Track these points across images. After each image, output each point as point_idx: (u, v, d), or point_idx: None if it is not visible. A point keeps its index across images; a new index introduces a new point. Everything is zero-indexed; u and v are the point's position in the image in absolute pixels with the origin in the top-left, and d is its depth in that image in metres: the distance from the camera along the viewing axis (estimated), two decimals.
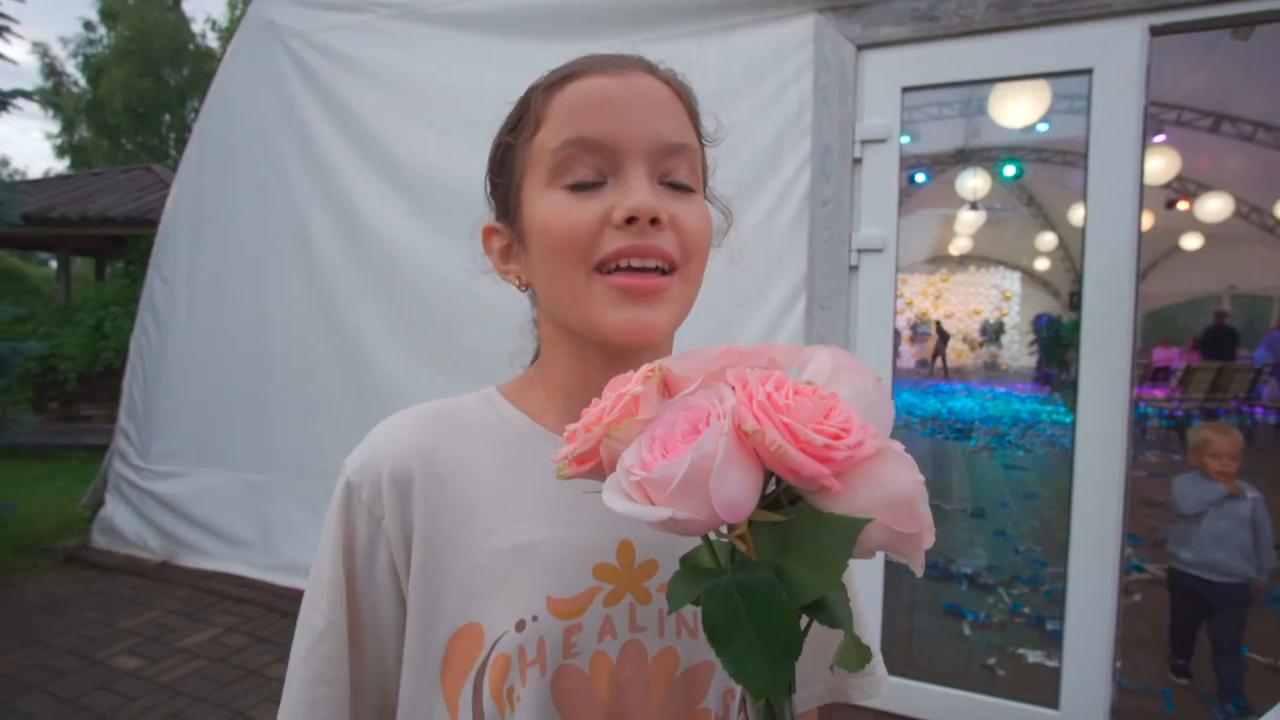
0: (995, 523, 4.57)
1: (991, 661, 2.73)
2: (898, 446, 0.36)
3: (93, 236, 7.27)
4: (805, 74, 2.47)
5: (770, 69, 2.52)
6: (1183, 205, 9.19)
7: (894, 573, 3.62)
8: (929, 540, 0.36)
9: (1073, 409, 2.26)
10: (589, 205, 0.50)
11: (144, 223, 6.43)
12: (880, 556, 2.30)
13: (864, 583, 2.38)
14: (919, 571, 0.38)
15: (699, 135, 0.58)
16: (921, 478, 0.36)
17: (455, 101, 2.90)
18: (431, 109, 2.98)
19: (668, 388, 0.41)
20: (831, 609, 0.36)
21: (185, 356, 3.71)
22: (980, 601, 3.30)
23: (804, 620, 0.37)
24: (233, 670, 2.70)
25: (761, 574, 0.35)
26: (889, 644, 2.58)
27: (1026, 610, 3.20)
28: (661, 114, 0.52)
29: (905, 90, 2.38)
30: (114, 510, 3.85)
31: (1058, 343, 11.66)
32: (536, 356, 0.64)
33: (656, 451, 0.36)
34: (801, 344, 2.05)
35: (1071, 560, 2.21)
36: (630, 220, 0.49)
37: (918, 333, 16.87)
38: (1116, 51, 2.11)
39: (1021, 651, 2.79)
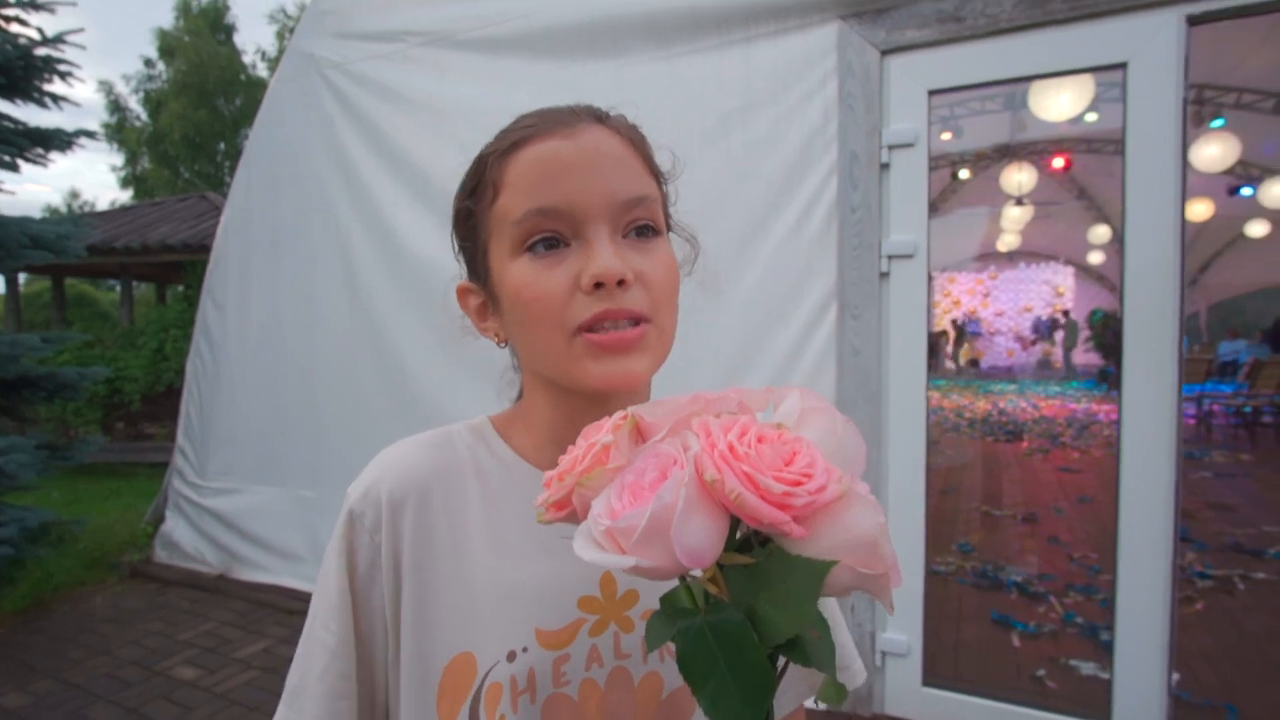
0: (1048, 528, 4.43)
1: (1041, 673, 2.64)
2: (863, 489, 0.37)
3: (153, 263, 7.63)
4: (830, 81, 2.45)
5: (794, 78, 2.51)
6: (1246, 191, 8.77)
7: (940, 582, 3.55)
8: (896, 580, 0.37)
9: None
10: (556, 273, 0.51)
11: (200, 248, 6.72)
12: (920, 564, 2.26)
13: (903, 591, 2.35)
14: (890, 610, 0.39)
15: (657, 177, 0.59)
16: (883, 520, 0.36)
17: (486, 123, 2.93)
18: (463, 131, 3.03)
19: (641, 435, 0.42)
20: (807, 647, 0.37)
21: (238, 377, 3.87)
22: (1031, 611, 3.20)
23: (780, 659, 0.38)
24: (285, 680, 2.79)
25: (733, 615, 0.36)
26: (934, 654, 2.52)
27: (1080, 620, 3.09)
28: (617, 170, 0.53)
29: (932, 93, 2.35)
30: (174, 526, 4.03)
31: (1113, 338, 11.23)
32: (520, 394, 0.66)
33: (626, 499, 0.37)
34: (835, 354, 2.03)
35: (1120, 567, 2.14)
36: (598, 285, 0.50)
37: (967, 331, 16.44)
38: (1152, 44, 2.05)
39: (1074, 663, 2.70)
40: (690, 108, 2.65)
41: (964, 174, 9.31)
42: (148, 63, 20.92)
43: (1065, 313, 14.75)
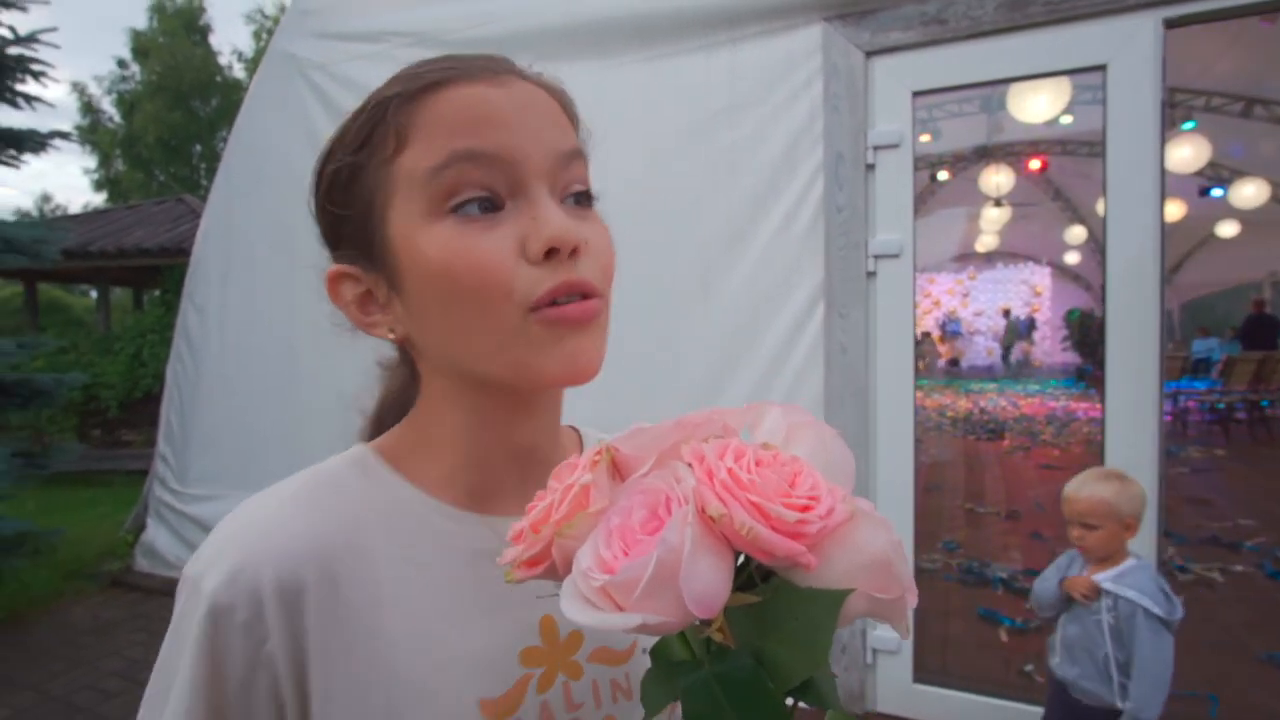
0: (1030, 524, 4.49)
1: (1029, 668, 2.68)
2: (866, 505, 0.34)
3: (129, 268, 7.50)
4: (815, 82, 2.48)
5: (780, 79, 2.53)
6: (1217, 192, 8.96)
7: (927, 579, 3.58)
8: (912, 601, 0.34)
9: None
10: (493, 237, 0.43)
11: (178, 252, 6.62)
12: (910, 561, 2.26)
13: None
14: (905, 635, 0.36)
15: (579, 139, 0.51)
16: (896, 537, 0.34)
17: None
18: None
19: (618, 470, 0.37)
20: (819, 687, 0.34)
21: (219, 382, 3.82)
22: (1017, 606, 3.24)
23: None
24: None
25: (742, 662, 0.32)
26: (923, 651, 2.54)
27: None
28: (553, 122, 0.46)
29: (916, 95, 2.37)
30: (155, 534, 3.97)
31: (1090, 337, 11.42)
32: (404, 411, 0.55)
33: (616, 547, 0.33)
34: (822, 352, 2.02)
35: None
36: (550, 253, 0.43)
37: (947, 332, 16.64)
38: (1130, 46, 2.09)
39: None
40: (675, 108, 2.66)
41: (943, 175, 9.42)
42: (121, 63, 20.63)
43: (1006, 312, 15.03)
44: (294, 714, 0.43)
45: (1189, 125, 7.09)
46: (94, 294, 8.56)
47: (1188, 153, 6.88)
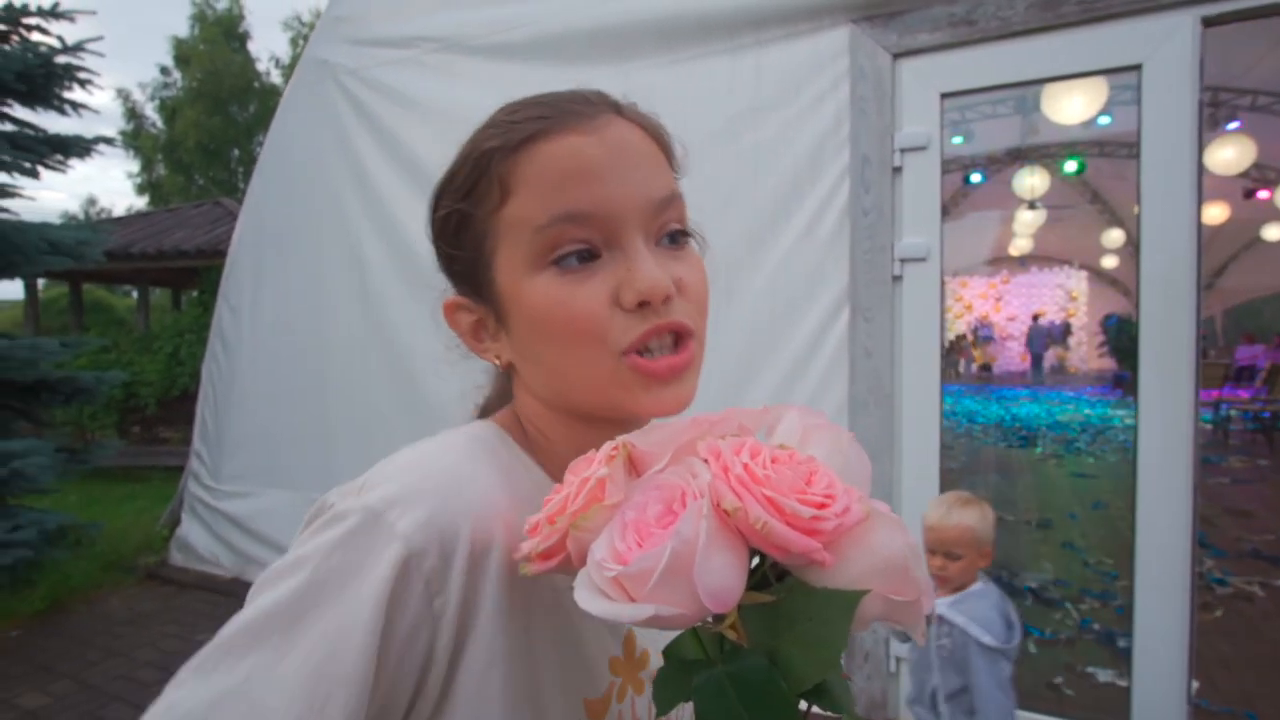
0: (1063, 534, 4.39)
1: (1059, 680, 2.62)
2: (882, 507, 0.34)
3: (169, 269, 7.71)
4: (842, 85, 2.46)
5: (806, 81, 2.52)
6: (1263, 194, 8.69)
7: None
8: (928, 604, 0.34)
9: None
10: (590, 288, 0.45)
11: (214, 254, 6.78)
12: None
13: None
14: (921, 640, 0.36)
15: (676, 172, 0.53)
16: (913, 539, 0.34)
17: None
18: None
19: (634, 465, 0.37)
20: (832, 690, 0.33)
21: (252, 381, 3.90)
22: (1046, 617, 3.17)
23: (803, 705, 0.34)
24: None
25: (755, 661, 0.32)
26: None
27: (1096, 626, 3.06)
28: (647, 167, 0.48)
29: (944, 96, 2.34)
30: (189, 529, 4.06)
31: (1126, 343, 11.15)
32: (493, 407, 0.59)
33: (630, 539, 0.33)
34: (846, 356, 1.98)
35: (1138, 573, 2.11)
36: (642, 303, 0.45)
37: (979, 337, 16.36)
38: (1167, 46, 2.04)
39: (1090, 670, 2.67)
40: (700, 111, 2.66)
41: (975, 177, 9.27)
42: (164, 70, 21.20)
43: (1036, 317, 14.70)
44: (438, 680, 0.40)
45: (1233, 125, 6.89)
46: (135, 294, 8.79)
47: (1231, 154, 6.68)
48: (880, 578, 0.32)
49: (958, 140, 7.38)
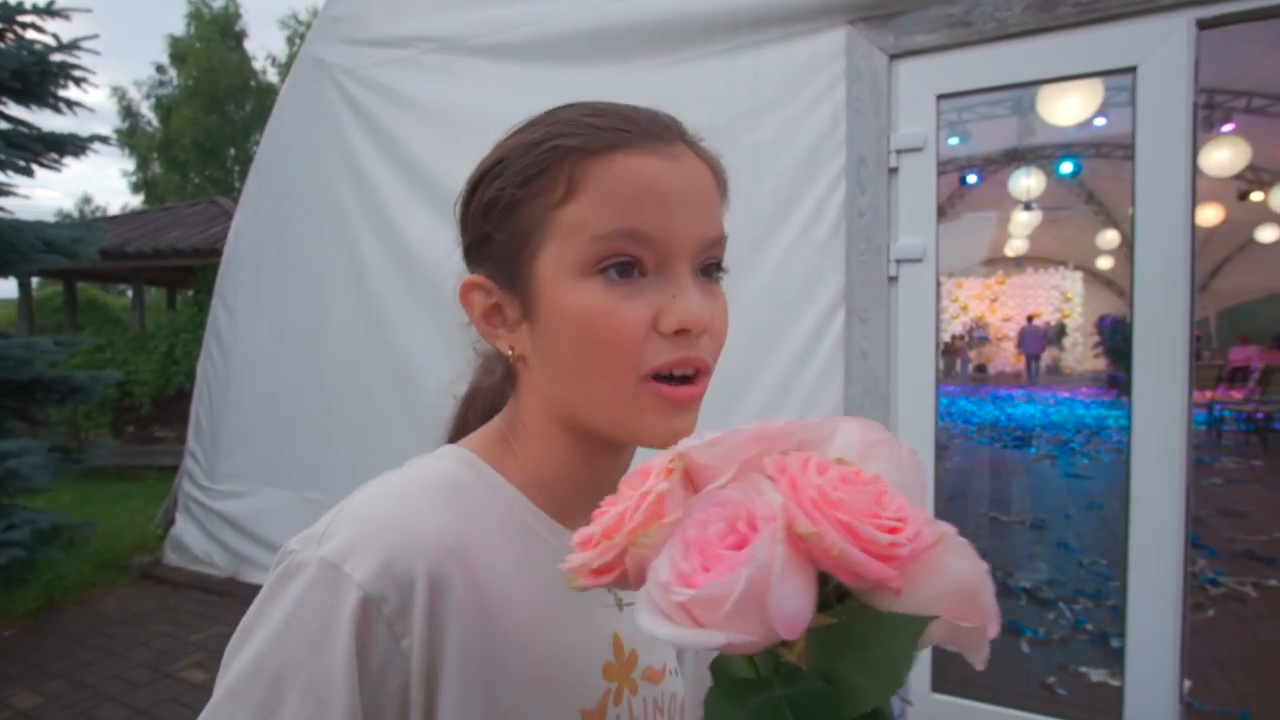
0: (1057, 534, 4.41)
1: (1052, 680, 2.63)
2: (950, 529, 0.33)
3: (164, 268, 7.69)
4: (838, 86, 2.46)
5: (803, 82, 2.52)
6: (1257, 196, 8.73)
7: None
8: (994, 630, 0.33)
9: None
10: (633, 306, 0.45)
11: (210, 253, 6.77)
12: None
13: None
14: (980, 666, 0.34)
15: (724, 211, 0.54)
16: (984, 565, 0.32)
17: (496, 129, 2.98)
18: (473, 137, 3.07)
19: (690, 480, 0.36)
20: (882, 712, 0.32)
21: (248, 380, 3.89)
22: (1040, 617, 3.18)
23: None
24: None
25: (814, 685, 0.31)
26: (943, 661, 2.51)
27: (1089, 626, 3.07)
28: (709, 207, 0.49)
29: (941, 98, 2.35)
30: (183, 528, 4.05)
31: (1121, 344, 11.19)
32: (475, 402, 0.60)
33: (694, 561, 0.31)
34: (842, 357, 1.97)
35: (1131, 573, 2.12)
36: (680, 332, 0.46)
37: (974, 337, 16.41)
38: (1162, 48, 2.04)
39: (1084, 669, 2.68)
40: (697, 112, 2.60)
41: (971, 179, 9.29)
42: (159, 69, 21.14)
43: (1030, 318, 14.81)
44: (418, 716, 0.42)
45: (1227, 127, 6.92)
46: (130, 293, 8.77)
47: (1225, 156, 6.71)
48: (948, 603, 0.31)
49: (954, 141, 7.40)
